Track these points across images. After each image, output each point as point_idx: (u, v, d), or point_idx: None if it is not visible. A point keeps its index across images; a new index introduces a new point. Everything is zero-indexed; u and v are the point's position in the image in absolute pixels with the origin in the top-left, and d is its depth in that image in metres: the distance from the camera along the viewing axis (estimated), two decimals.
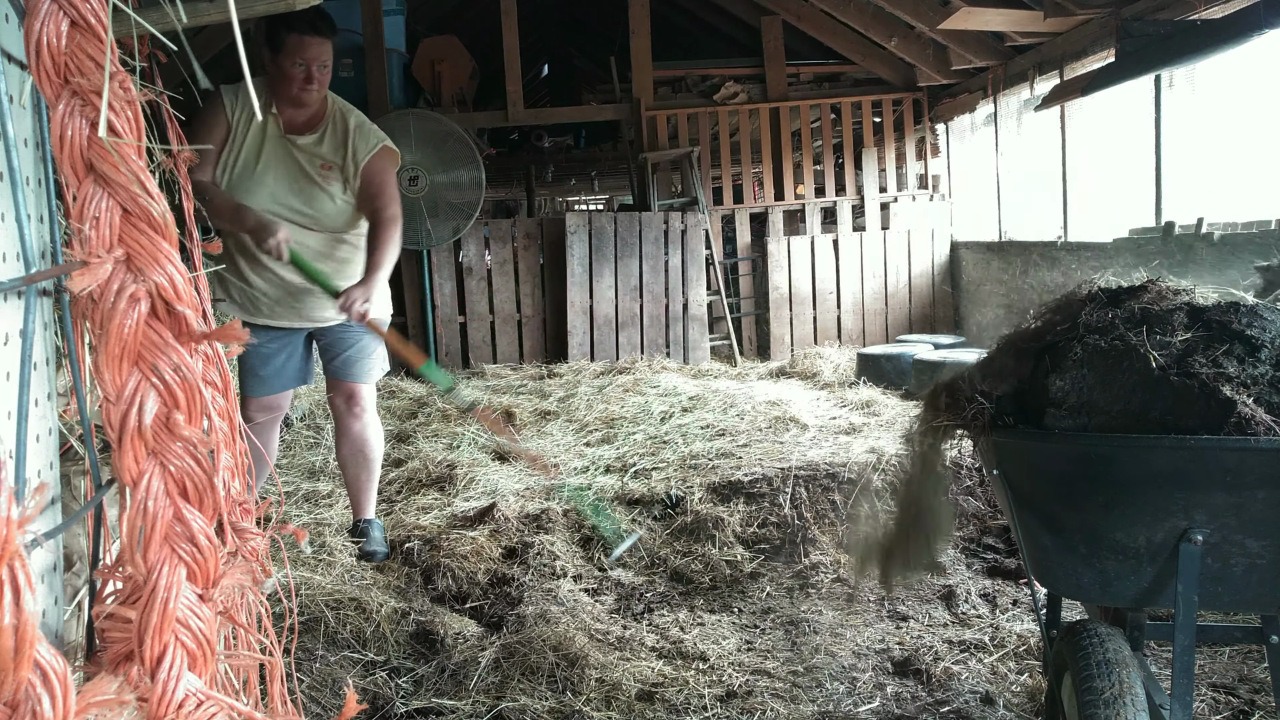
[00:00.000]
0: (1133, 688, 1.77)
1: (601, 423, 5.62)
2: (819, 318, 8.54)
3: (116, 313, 0.84)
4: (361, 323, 3.26)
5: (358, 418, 3.58)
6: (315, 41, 3.20)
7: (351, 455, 3.63)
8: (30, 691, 0.67)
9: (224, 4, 0.97)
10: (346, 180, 3.35)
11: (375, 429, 3.65)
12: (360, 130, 3.36)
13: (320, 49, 3.22)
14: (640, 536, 3.81)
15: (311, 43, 3.19)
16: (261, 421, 3.48)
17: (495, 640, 3.01)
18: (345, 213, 3.39)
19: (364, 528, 3.68)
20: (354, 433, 3.59)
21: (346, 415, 3.59)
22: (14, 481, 0.87)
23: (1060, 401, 1.89)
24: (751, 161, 8.61)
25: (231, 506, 1.05)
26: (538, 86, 14.39)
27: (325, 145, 3.34)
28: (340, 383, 3.55)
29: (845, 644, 3.02)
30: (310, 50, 3.19)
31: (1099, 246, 6.11)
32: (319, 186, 3.32)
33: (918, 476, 2.27)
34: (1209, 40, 4.71)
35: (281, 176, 3.30)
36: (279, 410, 3.60)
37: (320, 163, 3.32)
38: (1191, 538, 1.77)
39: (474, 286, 8.26)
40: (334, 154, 3.34)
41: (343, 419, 3.61)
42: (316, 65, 3.22)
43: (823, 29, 8.38)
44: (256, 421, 3.45)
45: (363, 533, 3.66)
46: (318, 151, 3.33)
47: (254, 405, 3.48)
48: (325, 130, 3.35)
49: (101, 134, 0.84)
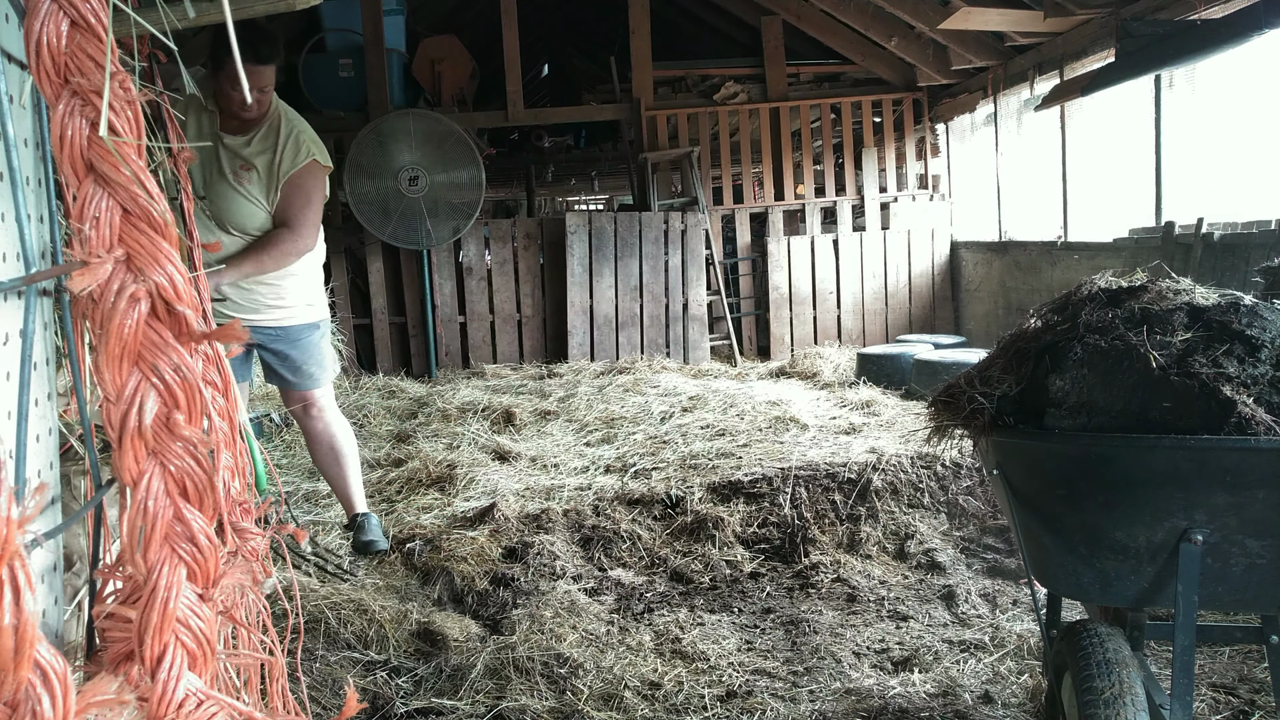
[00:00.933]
0: (1133, 688, 1.77)
1: (601, 423, 5.63)
2: (819, 318, 8.54)
3: (116, 313, 0.84)
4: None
5: (317, 419, 3.61)
6: (255, 70, 3.20)
7: (323, 455, 3.66)
8: (30, 691, 0.67)
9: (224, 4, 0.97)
10: (266, 186, 3.32)
11: (340, 424, 3.67)
12: (293, 141, 3.34)
13: (259, 77, 3.22)
14: None
15: (251, 70, 3.18)
16: None
17: (495, 640, 3.01)
18: (258, 216, 3.35)
19: (360, 521, 3.68)
20: (318, 433, 3.62)
21: (305, 419, 3.63)
22: (14, 481, 0.87)
23: (1060, 401, 1.89)
24: (751, 161, 8.61)
25: (231, 506, 1.05)
26: (538, 86, 14.38)
27: (251, 147, 3.32)
28: (292, 393, 3.58)
29: (845, 644, 3.02)
30: (250, 78, 3.18)
31: (1099, 246, 6.11)
32: (231, 185, 3.30)
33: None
34: (1209, 40, 4.71)
35: (201, 169, 3.28)
36: None
37: (240, 163, 3.31)
38: (1191, 538, 1.77)
39: (474, 286, 8.26)
40: (257, 156, 3.31)
41: (304, 423, 3.65)
42: (254, 90, 3.22)
43: (823, 29, 8.38)
44: None
45: (360, 526, 3.67)
46: (241, 152, 3.31)
47: None
48: (257, 133, 3.33)
49: (103, 134, 0.84)
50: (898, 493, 4.02)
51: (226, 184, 3.30)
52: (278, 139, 3.32)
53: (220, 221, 3.32)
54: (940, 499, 4.00)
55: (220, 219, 3.32)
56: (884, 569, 3.61)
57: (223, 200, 3.30)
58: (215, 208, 3.30)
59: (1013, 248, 7.41)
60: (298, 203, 3.32)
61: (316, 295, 3.59)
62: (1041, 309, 2.14)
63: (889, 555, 3.73)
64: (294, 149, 3.32)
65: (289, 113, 3.42)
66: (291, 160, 3.31)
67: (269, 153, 3.31)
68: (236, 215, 3.32)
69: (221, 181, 3.29)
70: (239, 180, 3.30)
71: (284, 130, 3.34)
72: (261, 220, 3.35)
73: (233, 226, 3.33)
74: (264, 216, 3.35)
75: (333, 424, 3.63)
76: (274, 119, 3.35)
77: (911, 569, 3.61)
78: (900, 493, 4.02)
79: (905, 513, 3.94)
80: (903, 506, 3.97)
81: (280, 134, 3.33)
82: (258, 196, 3.32)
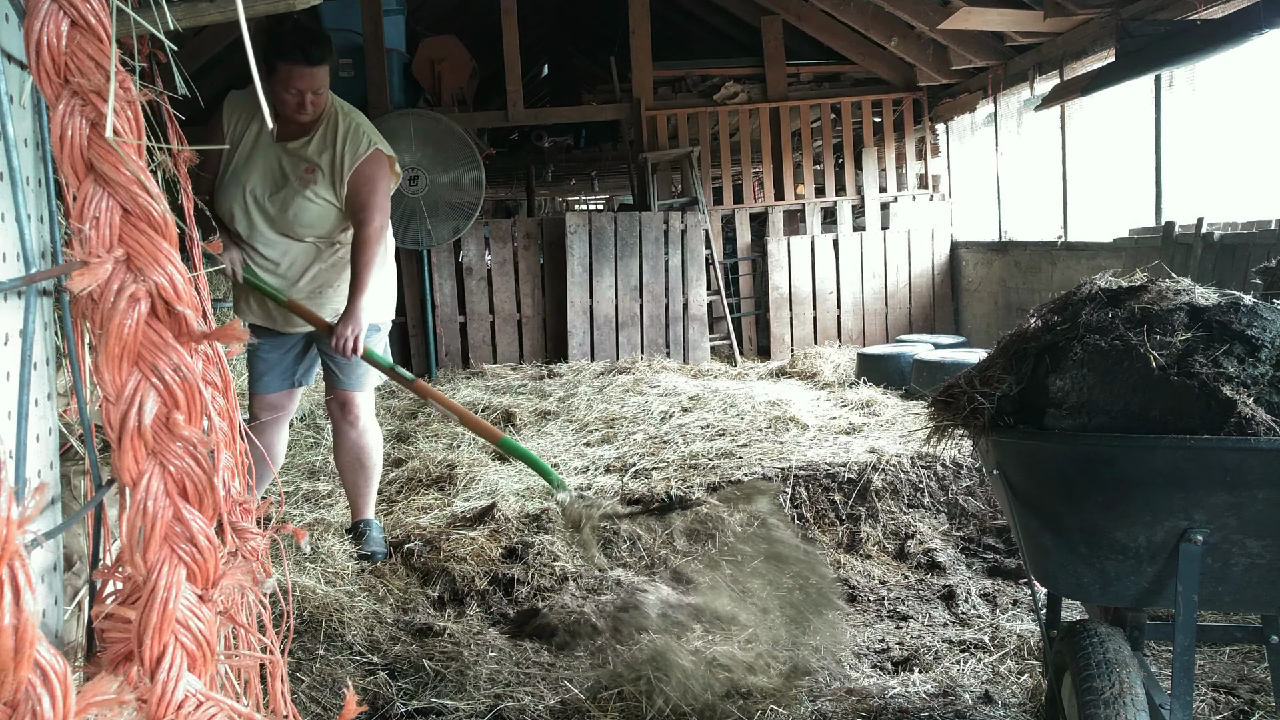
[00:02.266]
0: (1133, 688, 1.77)
1: (601, 423, 5.63)
2: (819, 318, 8.54)
3: (116, 313, 0.84)
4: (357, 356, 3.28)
5: (353, 425, 3.58)
6: (307, 72, 3.18)
7: (349, 463, 3.65)
8: (30, 691, 0.67)
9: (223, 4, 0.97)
10: (333, 184, 3.30)
11: (373, 435, 3.65)
12: (353, 134, 3.31)
13: (312, 78, 3.20)
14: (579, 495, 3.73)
15: (303, 73, 3.17)
16: (266, 420, 3.49)
17: (495, 640, 3.01)
18: (329, 217, 3.34)
19: (362, 529, 3.69)
20: (350, 440, 3.60)
21: (342, 423, 3.59)
22: (14, 481, 0.87)
23: (1060, 401, 1.89)
24: (751, 161, 8.61)
25: (231, 506, 1.05)
26: (538, 86, 14.38)
27: (311, 147, 3.30)
28: (336, 390, 3.55)
29: (845, 644, 3.02)
30: (302, 80, 3.18)
31: (1099, 246, 6.11)
32: (297, 191, 3.28)
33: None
34: (1209, 40, 4.71)
35: (265, 179, 3.29)
36: (283, 410, 3.61)
37: (304, 166, 3.29)
38: (1191, 538, 1.77)
39: (474, 286, 8.26)
40: (318, 155, 3.29)
41: (339, 426, 3.62)
42: (309, 92, 3.21)
43: (823, 29, 8.38)
44: (261, 420, 3.46)
45: (361, 534, 3.68)
46: (303, 154, 3.30)
47: (258, 403, 3.50)
48: (316, 134, 3.31)
49: (108, 134, 0.84)
50: (898, 493, 4.02)
51: (293, 190, 3.28)
52: (336, 135, 3.30)
53: (292, 228, 3.31)
54: (940, 499, 4.01)
55: (292, 226, 3.31)
56: (884, 569, 3.61)
57: (293, 207, 3.29)
58: (286, 215, 3.29)
59: (1013, 248, 7.41)
60: (365, 191, 3.29)
61: (379, 296, 3.51)
62: (1041, 309, 2.13)
63: (889, 555, 3.73)
64: (354, 142, 3.30)
65: (345, 107, 3.39)
66: (354, 154, 3.28)
67: (330, 149, 3.29)
68: (309, 219, 3.31)
69: (287, 188, 3.28)
70: (305, 184, 3.28)
71: (342, 125, 3.31)
72: (334, 219, 3.35)
73: (307, 231, 3.33)
74: (336, 215, 3.34)
75: (366, 434, 3.60)
76: (331, 116, 3.32)
77: (911, 569, 3.61)
78: (900, 493, 4.02)
79: (905, 513, 3.94)
80: (903, 506, 3.97)
81: (339, 130, 3.30)
82: (326, 197, 3.31)
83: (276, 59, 3.15)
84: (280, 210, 3.29)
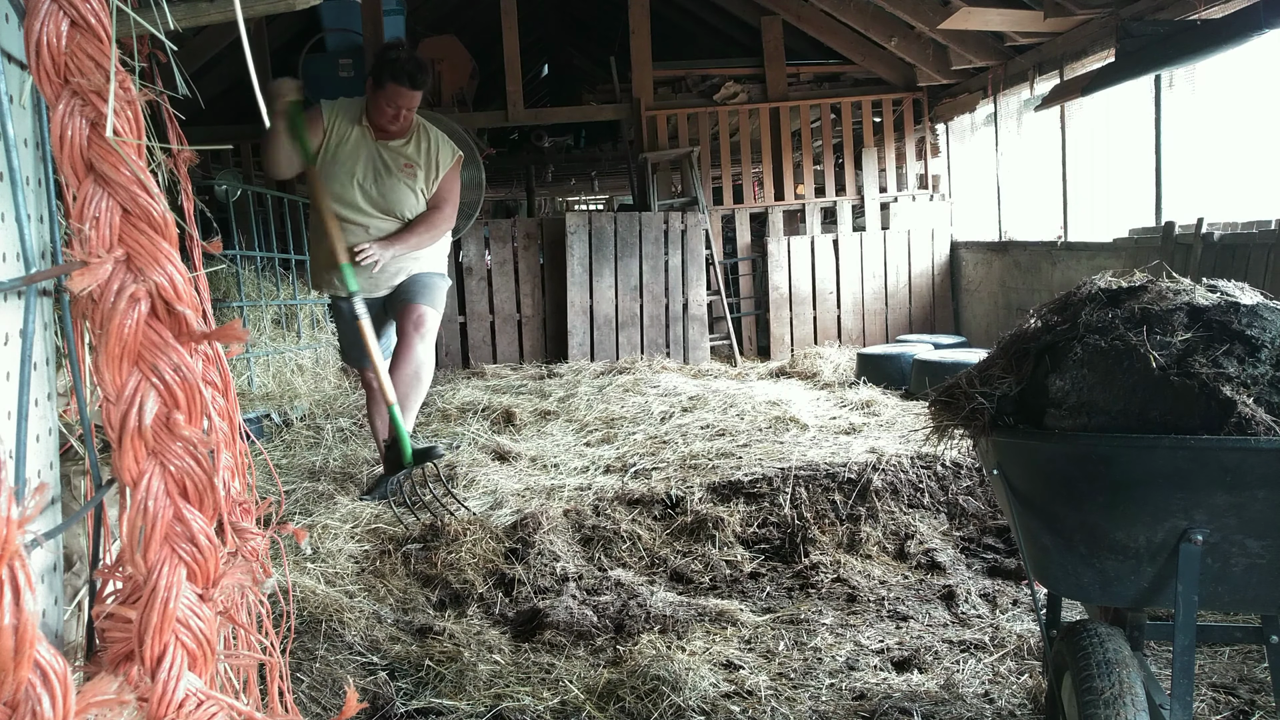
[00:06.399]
0: (1133, 688, 1.77)
1: (601, 423, 5.62)
2: (819, 318, 8.54)
3: (116, 313, 0.84)
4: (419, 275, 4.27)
5: (423, 339, 4.18)
6: (409, 94, 4.03)
7: (408, 376, 4.14)
8: (30, 691, 0.67)
9: (223, 4, 0.97)
10: (427, 180, 4.22)
11: (429, 356, 4.24)
12: (443, 145, 4.29)
13: (411, 99, 4.06)
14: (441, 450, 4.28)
15: (406, 94, 4.03)
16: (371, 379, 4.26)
17: (495, 640, 3.01)
18: (417, 202, 4.24)
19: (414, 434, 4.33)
20: (415, 353, 4.14)
21: (413, 335, 4.16)
22: (14, 481, 0.87)
23: (1060, 401, 1.89)
24: (751, 161, 8.61)
25: (231, 506, 1.05)
26: (538, 86, 14.39)
27: (410, 148, 4.20)
28: (408, 306, 4.20)
29: (845, 644, 3.02)
30: (404, 99, 4.04)
31: (1099, 246, 6.12)
32: (399, 179, 4.15)
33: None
34: (1209, 40, 4.71)
35: (367, 167, 4.13)
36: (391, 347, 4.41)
37: (404, 161, 4.18)
38: (1191, 538, 1.77)
39: (474, 286, 8.26)
40: (418, 156, 4.19)
41: (409, 339, 4.17)
42: (405, 109, 4.08)
43: (823, 29, 8.39)
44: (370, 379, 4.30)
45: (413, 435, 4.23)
46: (404, 152, 4.18)
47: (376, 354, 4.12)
48: (412, 139, 4.21)
49: (108, 134, 0.84)
50: (898, 493, 4.01)
51: (396, 179, 4.17)
52: (429, 144, 4.24)
53: (388, 206, 4.17)
54: (940, 499, 4.00)
55: (389, 204, 4.17)
56: (884, 569, 3.61)
57: (394, 192, 4.17)
58: (385, 197, 4.15)
59: (1013, 248, 7.41)
60: (446, 189, 4.31)
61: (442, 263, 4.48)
62: (1041, 309, 2.13)
63: (889, 555, 3.73)
64: (445, 152, 4.29)
65: (425, 119, 4.29)
66: (446, 160, 4.28)
67: (425, 154, 4.22)
68: (402, 201, 4.19)
69: (391, 177, 4.17)
70: (406, 175, 4.18)
71: (431, 136, 4.26)
72: (415, 204, 4.25)
73: (397, 209, 4.20)
74: (421, 201, 4.27)
75: (427, 351, 4.22)
76: (420, 126, 4.24)
77: (911, 569, 3.61)
78: (900, 493, 4.01)
79: (905, 513, 3.93)
80: (903, 506, 3.97)
81: (430, 140, 4.25)
82: (420, 188, 4.23)
83: (388, 79, 3.97)
84: (380, 193, 4.15)
